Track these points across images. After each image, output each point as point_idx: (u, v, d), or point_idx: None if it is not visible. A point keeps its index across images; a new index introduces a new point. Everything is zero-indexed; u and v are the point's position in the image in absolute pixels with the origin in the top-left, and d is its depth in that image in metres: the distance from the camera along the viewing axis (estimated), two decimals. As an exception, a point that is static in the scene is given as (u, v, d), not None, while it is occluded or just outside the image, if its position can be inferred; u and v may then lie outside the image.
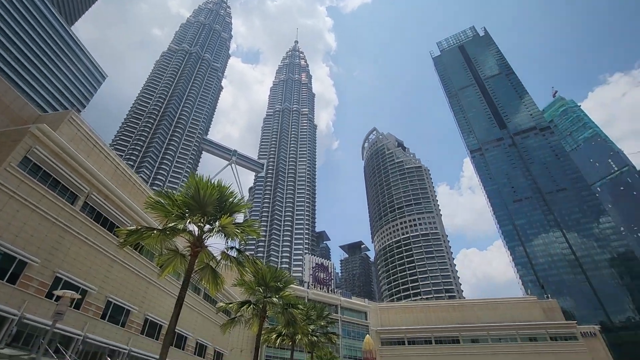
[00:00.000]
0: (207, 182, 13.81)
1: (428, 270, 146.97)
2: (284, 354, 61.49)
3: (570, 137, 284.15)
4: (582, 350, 78.65)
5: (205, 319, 43.09)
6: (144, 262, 31.17)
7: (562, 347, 79.47)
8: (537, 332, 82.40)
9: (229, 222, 13.96)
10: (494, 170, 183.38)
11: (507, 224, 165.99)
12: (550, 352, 78.79)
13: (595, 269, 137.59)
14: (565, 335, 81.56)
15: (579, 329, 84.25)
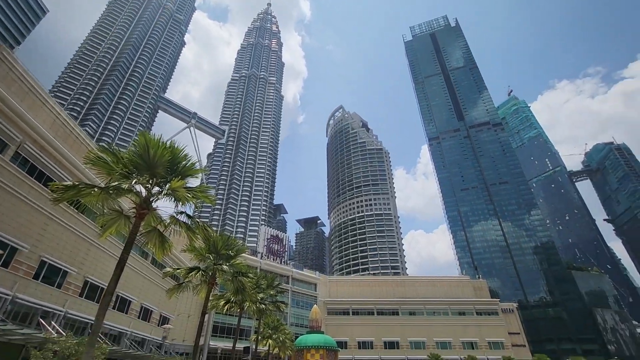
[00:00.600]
0: (158, 142, 12.95)
1: (378, 248, 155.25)
2: (232, 320, 62.49)
3: (518, 135, 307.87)
4: (501, 324, 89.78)
5: (152, 284, 42.11)
6: (85, 222, 29.23)
7: (485, 320, 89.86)
8: (465, 308, 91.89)
9: (180, 185, 13.38)
10: (448, 159, 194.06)
11: (453, 210, 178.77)
12: (475, 325, 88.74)
13: (521, 255, 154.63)
14: (488, 311, 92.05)
15: (501, 306, 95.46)
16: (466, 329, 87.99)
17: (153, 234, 14.64)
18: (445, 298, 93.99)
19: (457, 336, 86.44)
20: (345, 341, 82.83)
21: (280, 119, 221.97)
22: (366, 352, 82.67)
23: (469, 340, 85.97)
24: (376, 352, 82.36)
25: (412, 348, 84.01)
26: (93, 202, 13.11)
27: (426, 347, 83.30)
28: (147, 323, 41.12)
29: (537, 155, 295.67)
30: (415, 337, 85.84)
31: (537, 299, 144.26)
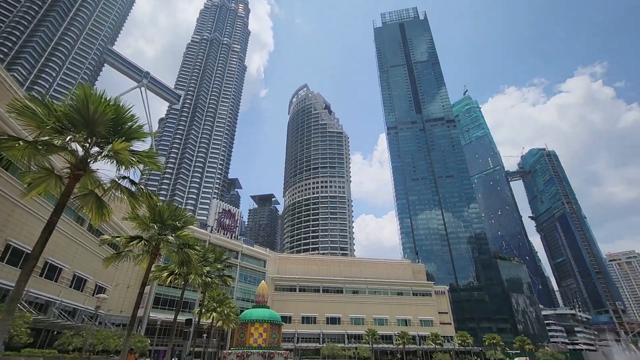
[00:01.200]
0: (101, 97, 11.65)
1: (329, 229, 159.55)
2: (175, 292, 60.87)
3: (467, 133, 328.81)
4: (432, 304, 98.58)
5: (88, 252, 39.27)
6: (8, 179, 25.99)
7: (419, 300, 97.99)
8: (403, 289, 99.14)
9: (124, 147, 12.29)
10: (403, 150, 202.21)
11: (403, 198, 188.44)
12: (410, 304, 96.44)
13: (457, 243, 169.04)
14: (423, 292, 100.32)
15: (434, 288, 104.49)
16: (402, 307, 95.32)
17: (90, 198, 13.45)
18: (387, 279, 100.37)
19: (394, 314, 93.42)
20: (289, 316, 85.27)
21: (241, 91, 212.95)
22: (309, 326, 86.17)
23: (404, 317, 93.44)
24: (318, 327, 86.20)
25: (352, 324, 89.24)
26: (18, 157, 11.59)
27: (365, 323, 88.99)
28: (80, 292, 38.56)
29: (481, 154, 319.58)
30: (356, 313, 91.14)
31: (466, 283, 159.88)
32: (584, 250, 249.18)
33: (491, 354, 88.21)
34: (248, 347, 57.42)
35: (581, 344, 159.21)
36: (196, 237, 60.85)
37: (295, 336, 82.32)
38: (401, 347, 79.82)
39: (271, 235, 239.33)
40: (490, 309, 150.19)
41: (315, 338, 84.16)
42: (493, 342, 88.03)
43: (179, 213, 25.02)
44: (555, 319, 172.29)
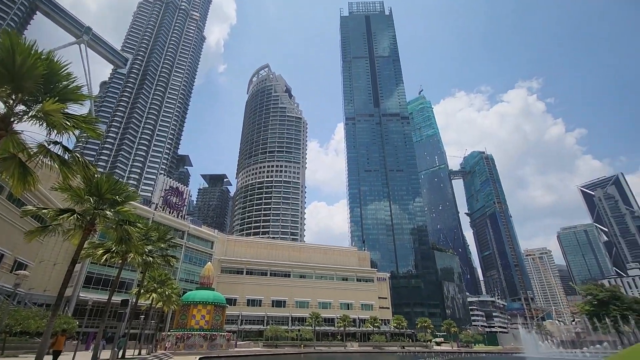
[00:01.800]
0: (30, 48, 10.12)
1: (281, 214, 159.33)
2: (110, 271, 56.88)
3: (419, 131, 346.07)
4: (374, 290, 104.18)
5: (6, 223, 34.86)
6: None
7: (362, 286, 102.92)
8: (349, 275, 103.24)
9: (57, 109, 10.84)
10: (359, 141, 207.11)
11: (355, 188, 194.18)
12: (353, 289, 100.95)
13: (400, 234, 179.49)
14: (366, 278, 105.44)
15: (377, 275, 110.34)
16: (346, 292, 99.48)
17: (11, 162, 11.77)
18: (334, 265, 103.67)
19: (337, 298, 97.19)
20: (235, 298, 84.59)
21: (198, 62, 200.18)
22: (254, 309, 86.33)
23: (347, 301, 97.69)
24: (263, 310, 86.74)
25: (297, 307, 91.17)
26: None
27: (309, 306, 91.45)
28: (-6, 269, 34.28)
29: (430, 152, 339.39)
30: (301, 297, 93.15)
31: (405, 271, 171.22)
32: (507, 245, 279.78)
33: (422, 335, 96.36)
34: (189, 329, 56.17)
35: (497, 327, 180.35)
36: (139, 214, 57.09)
37: (239, 318, 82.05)
38: (342, 330, 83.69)
39: (221, 216, 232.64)
40: (424, 295, 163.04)
41: (260, 320, 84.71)
42: (424, 325, 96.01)
43: (119, 187, 23.10)
44: (478, 305, 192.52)
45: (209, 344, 55.43)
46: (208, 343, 55.53)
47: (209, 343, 55.58)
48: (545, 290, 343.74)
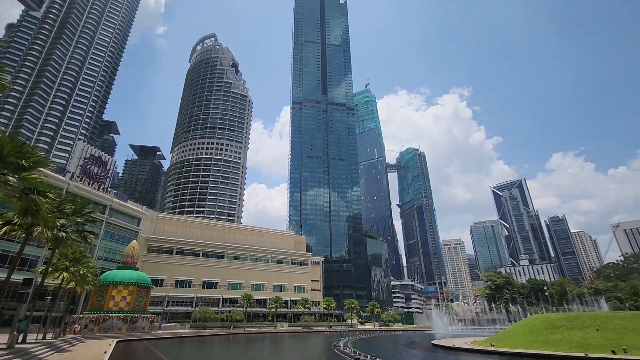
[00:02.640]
0: None
1: (219, 194, 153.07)
2: (10, 246, 49.21)
3: (362, 123, 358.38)
4: (307, 273, 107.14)
5: None
6: None
7: (296, 269, 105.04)
8: (284, 258, 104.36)
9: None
10: (305, 126, 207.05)
11: (297, 173, 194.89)
12: (287, 272, 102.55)
13: (337, 221, 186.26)
14: (301, 262, 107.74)
15: (311, 259, 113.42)
16: (280, 275, 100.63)
17: None
18: (270, 248, 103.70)
19: (271, 280, 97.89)
20: (162, 279, 80.00)
21: (132, 19, 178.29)
22: (183, 290, 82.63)
23: (280, 284, 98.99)
24: (193, 291, 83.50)
25: (230, 288, 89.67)
26: None
27: (242, 288, 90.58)
28: None
29: (370, 144, 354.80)
30: (234, 279, 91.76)
31: (338, 256, 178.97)
32: (429, 236, 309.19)
33: (348, 316, 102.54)
34: (107, 311, 51.74)
35: (414, 308, 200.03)
36: (50, 183, 50.00)
37: (166, 300, 77.88)
38: (273, 311, 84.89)
39: (151, 192, 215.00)
40: (354, 278, 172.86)
41: (189, 302, 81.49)
42: (351, 307, 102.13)
43: (27, 150, 19.88)
44: (399, 289, 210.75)
45: (128, 327, 51.88)
46: (128, 326, 51.94)
47: (129, 326, 52.02)
48: (456, 276, 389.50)
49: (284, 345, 45.69)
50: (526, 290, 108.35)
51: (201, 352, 35.39)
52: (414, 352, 34.62)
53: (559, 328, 31.22)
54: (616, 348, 25.02)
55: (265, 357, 32.03)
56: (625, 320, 29.52)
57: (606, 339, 26.91)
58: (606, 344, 26.09)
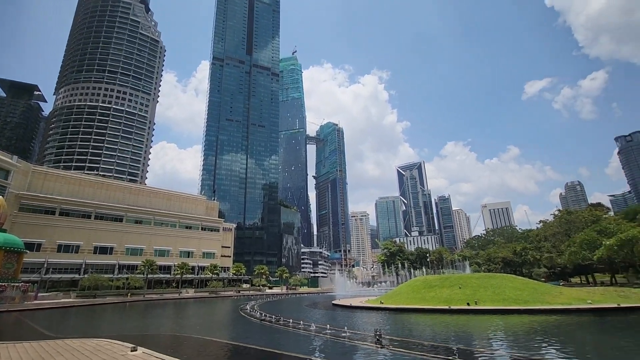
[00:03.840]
0: None
1: (118, 150, 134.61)
2: None
3: (286, 91, 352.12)
4: (218, 239, 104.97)
5: None
6: None
7: (207, 235, 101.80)
8: (193, 223, 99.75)
9: None
10: (225, 86, 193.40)
11: (213, 135, 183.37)
12: (197, 238, 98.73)
13: (253, 188, 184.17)
14: (212, 228, 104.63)
15: (223, 225, 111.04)
16: (188, 240, 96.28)
17: None
18: (178, 212, 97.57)
19: (178, 246, 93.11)
20: (40, 243, 68.84)
21: None
22: (68, 255, 72.75)
23: (187, 250, 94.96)
24: (81, 257, 74.21)
25: (128, 254, 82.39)
26: None
27: (143, 253, 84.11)
28: None
29: (292, 114, 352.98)
30: (135, 244, 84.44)
31: (252, 223, 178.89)
32: (340, 207, 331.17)
33: (257, 281, 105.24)
34: (-40, 280, 42.62)
35: (320, 272, 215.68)
36: None
37: (44, 266, 67.57)
38: (179, 277, 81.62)
39: (25, 140, 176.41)
40: (266, 245, 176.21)
41: (75, 269, 72.28)
42: (261, 272, 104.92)
43: None
44: (308, 255, 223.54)
45: (-6, 297, 43.98)
46: (-7, 296, 43.99)
47: (-6, 296, 44.08)
48: (359, 244, 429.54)
49: (188, 310, 44.94)
50: (414, 257, 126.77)
51: (88, 321, 32.41)
52: (316, 311, 37.99)
53: (433, 287, 38.00)
54: (470, 301, 31.84)
55: (162, 323, 30.88)
56: (479, 280, 37.53)
57: (465, 294, 33.93)
58: (464, 298, 32.94)
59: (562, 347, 14.60)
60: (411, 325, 23.83)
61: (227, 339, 18.67)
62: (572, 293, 33.77)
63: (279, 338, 18.80)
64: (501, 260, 69.06)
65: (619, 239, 37.77)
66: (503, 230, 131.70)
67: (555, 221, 72.03)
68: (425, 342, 15.92)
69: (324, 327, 20.60)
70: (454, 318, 26.11)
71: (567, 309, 27.90)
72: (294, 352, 14.56)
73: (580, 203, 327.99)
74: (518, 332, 19.17)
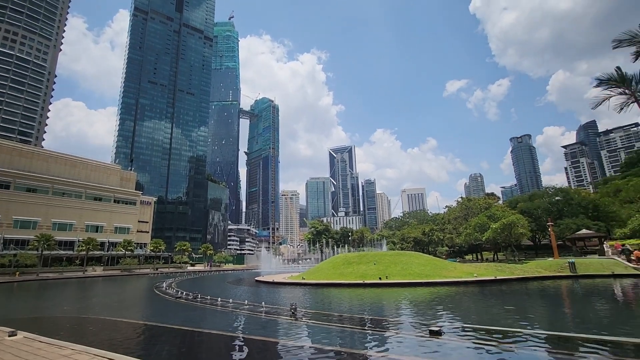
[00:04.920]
0: None
1: (5, 102, 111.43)
2: None
3: (220, 59, 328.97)
4: (134, 213, 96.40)
5: None
6: None
7: (120, 208, 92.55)
8: (104, 194, 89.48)
9: None
10: (149, 44, 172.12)
11: (132, 97, 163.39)
12: (108, 211, 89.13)
13: (178, 160, 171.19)
14: (127, 200, 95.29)
15: (141, 198, 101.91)
16: (97, 213, 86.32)
17: None
18: (85, 182, 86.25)
19: (84, 219, 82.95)
20: None
21: None
22: None
23: (96, 224, 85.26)
24: (-52, 230, 61.19)
25: (17, 227, 70.83)
26: None
27: (38, 227, 73.11)
28: None
29: (226, 85, 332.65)
30: (26, 215, 72.79)
31: (175, 197, 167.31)
32: (271, 185, 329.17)
33: (178, 258, 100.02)
34: None
35: (247, 249, 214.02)
36: None
37: None
38: (83, 254, 73.04)
39: None
40: (190, 221, 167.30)
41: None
42: (183, 249, 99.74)
43: None
44: (235, 232, 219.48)
45: None
46: None
47: None
48: (288, 223, 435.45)
49: (93, 290, 40.80)
50: (338, 235, 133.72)
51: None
52: (239, 287, 37.94)
53: (352, 264, 40.88)
54: (382, 276, 35.19)
55: (58, 304, 27.27)
56: (391, 257, 41.55)
57: (378, 270, 37.31)
58: (377, 273, 36.23)
59: (453, 312, 17.36)
60: (329, 299, 25.48)
61: (135, 319, 17.60)
62: (464, 268, 39.68)
63: (194, 315, 18.42)
64: (412, 240, 77.23)
65: (501, 224, 45.39)
66: (417, 213, 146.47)
67: (458, 207, 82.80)
68: (336, 313, 17.24)
69: (242, 303, 20.78)
70: (367, 291, 28.65)
71: (458, 281, 32.76)
72: (207, 328, 14.47)
73: (479, 192, 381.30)
74: (420, 301, 21.97)
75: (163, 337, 13.30)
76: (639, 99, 18.64)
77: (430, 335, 11.09)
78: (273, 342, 11.65)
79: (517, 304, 20.64)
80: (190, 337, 12.84)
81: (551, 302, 22.07)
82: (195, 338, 12.81)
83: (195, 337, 12.87)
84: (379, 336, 12.03)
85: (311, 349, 10.29)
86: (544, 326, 13.67)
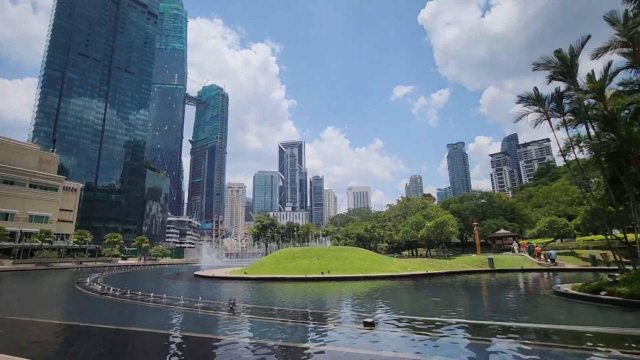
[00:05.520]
0: None
1: None
2: None
3: (166, 38, 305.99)
4: (55, 200, 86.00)
5: None
6: None
7: (37, 194, 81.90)
8: (17, 177, 78.53)
9: None
10: (80, 11, 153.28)
11: (58, 70, 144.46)
12: (22, 197, 78.44)
13: (111, 144, 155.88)
14: (47, 186, 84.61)
15: (65, 184, 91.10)
16: (7, 199, 75.36)
17: None
18: (-8, 162, 74.47)
19: (-12, 206, 71.61)
20: None
21: None
22: None
23: (5, 211, 74.27)
24: None
25: None
26: None
27: None
28: None
29: (171, 67, 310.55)
30: None
31: (107, 184, 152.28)
32: (216, 176, 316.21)
33: (107, 251, 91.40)
34: None
35: (187, 243, 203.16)
36: None
37: None
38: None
39: None
40: (123, 211, 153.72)
41: None
42: (114, 241, 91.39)
43: None
44: (175, 224, 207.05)
45: None
46: None
47: None
48: (233, 216, 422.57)
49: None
50: (284, 230, 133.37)
51: None
52: (176, 283, 35.92)
53: (295, 258, 41.14)
54: (324, 270, 35.99)
55: None
56: (335, 252, 42.67)
57: (321, 264, 38.06)
58: (320, 268, 36.95)
59: (389, 304, 18.42)
60: (271, 294, 25.35)
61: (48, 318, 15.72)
62: (400, 263, 42.29)
63: (121, 313, 17.03)
64: (356, 236, 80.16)
65: (435, 222, 49.29)
66: (361, 210, 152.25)
67: (398, 205, 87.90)
68: (276, 307, 17.25)
69: (177, 299, 19.75)
70: (309, 285, 29.06)
71: (394, 275, 34.83)
72: (134, 326, 13.48)
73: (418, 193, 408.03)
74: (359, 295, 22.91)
75: (81, 338, 12.08)
76: (550, 117, 21.48)
77: (365, 327, 11.64)
78: (208, 339, 11.27)
79: (444, 295, 22.64)
80: (113, 337, 11.86)
81: (472, 293, 24.63)
82: (120, 337, 11.86)
83: (119, 336, 11.92)
84: (319, 329, 12.32)
85: (247, 344, 10.16)
86: (467, 315, 15.18)
